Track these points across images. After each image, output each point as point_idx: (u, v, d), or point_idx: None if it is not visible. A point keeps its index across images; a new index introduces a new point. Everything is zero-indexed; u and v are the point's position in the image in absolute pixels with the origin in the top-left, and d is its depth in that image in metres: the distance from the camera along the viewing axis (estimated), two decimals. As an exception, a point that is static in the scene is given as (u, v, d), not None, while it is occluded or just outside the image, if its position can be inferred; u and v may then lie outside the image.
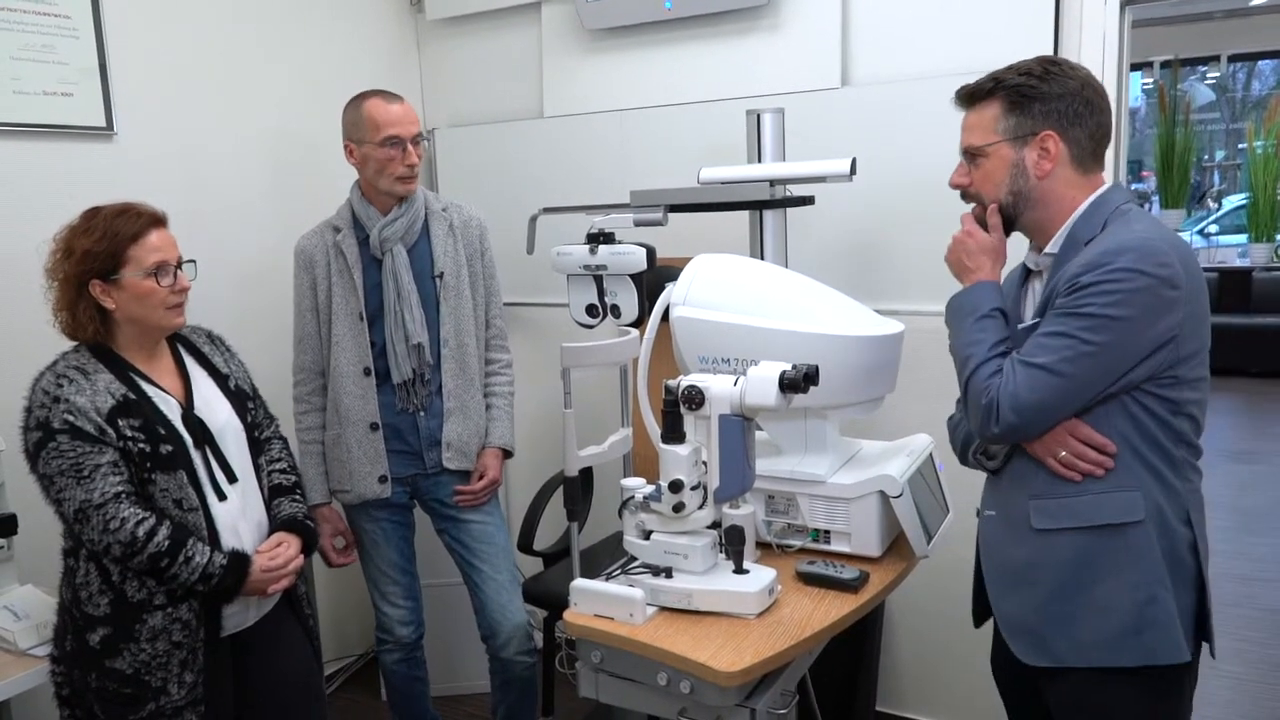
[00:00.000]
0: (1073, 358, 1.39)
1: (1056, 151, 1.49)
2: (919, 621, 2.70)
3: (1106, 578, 1.44)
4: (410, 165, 2.26)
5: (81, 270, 1.71)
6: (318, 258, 2.33)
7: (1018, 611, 1.54)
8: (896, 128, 2.50)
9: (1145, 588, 1.43)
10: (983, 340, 1.50)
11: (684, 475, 1.57)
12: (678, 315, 1.85)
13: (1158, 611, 1.42)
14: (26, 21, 2.26)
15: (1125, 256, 1.37)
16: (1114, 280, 1.36)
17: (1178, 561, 1.45)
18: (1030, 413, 1.42)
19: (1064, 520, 1.47)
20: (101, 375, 1.72)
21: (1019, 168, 1.51)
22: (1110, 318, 1.36)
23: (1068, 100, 1.48)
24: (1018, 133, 1.50)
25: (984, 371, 1.47)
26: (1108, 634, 1.45)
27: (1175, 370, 1.41)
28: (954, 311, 1.59)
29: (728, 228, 2.47)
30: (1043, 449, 1.47)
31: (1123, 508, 1.43)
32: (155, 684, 1.70)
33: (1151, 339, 1.39)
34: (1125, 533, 1.44)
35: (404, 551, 2.47)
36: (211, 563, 1.70)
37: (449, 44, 3.30)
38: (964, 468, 1.72)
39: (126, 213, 1.75)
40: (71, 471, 1.65)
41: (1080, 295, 1.39)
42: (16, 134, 2.27)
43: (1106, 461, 1.43)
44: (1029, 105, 1.49)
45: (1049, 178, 1.50)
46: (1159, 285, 1.36)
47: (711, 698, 1.50)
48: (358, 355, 2.31)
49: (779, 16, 2.68)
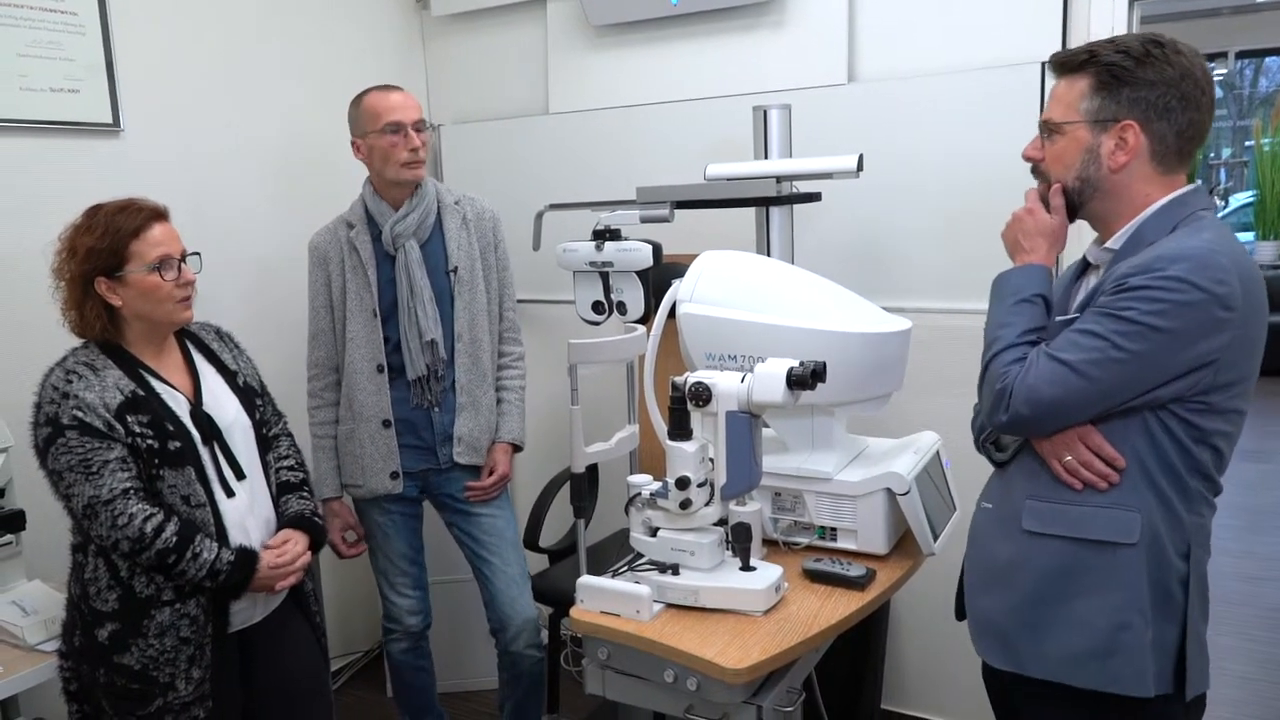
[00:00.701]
0: (1100, 361, 1.31)
1: (1135, 144, 1.37)
2: (925, 619, 2.69)
3: (1086, 594, 1.39)
4: (414, 149, 2.26)
5: (86, 269, 1.71)
6: (331, 254, 2.33)
7: (991, 611, 1.50)
8: (903, 124, 2.50)
9: (1123, 612, 1.36)
10: (1014, 324, 1.43)
11: (691, 472, 1.57)
12: (684, 312, 1.84)
13: (1129, 639, 1.36)
14: (34, 18, 2.26)
15: (1180, 265, 1.27)
16: (1162, 288, 1.27)
17: (1165, 593, 1.37)
18: (1043, 408, 1.35)
19: (1054, 526, 1.41)
20: (110, 371, 1.72)
21: (1092, 154, 1.40)
22: (1150, 327, 1.28)
23: (1160, 90, 1.35)
24: (1099, 116, 1.38)
25: (1006, 356, 1.40)
26: (1075, 651, 1.39)
27: (1208, 397, 1.33)
28: (996, 289, 1.51)
29: (734, 224, 2.47)
30: (1050, 449, 1.41)
31: (1117, 527, 1.37)
32: (163, 680, 1.71)
33: (1189, 358, 1.29)
34: (1115, 552, 1.37)
35: (413, 543, 2.49)
36: (219, 559, 1.71)
37: (454, 40, 3.30)
38: (972, 466, 1.71)
39: (127, 209, 1.75)
40: (80, 467, 1.65)
41: (1124, 297, 1.30)
42: (24, 131, 2.27)
43: (1112, 475, 1.37)
44: (1117, 89, 1.37)
45: (1123, 170, 1.39)
46: (1210, 302, 1.27)
47: (718, 694, 1.50)
48: (371, 352, 2.32)
49: (785, 12, 2.68)
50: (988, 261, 1.65)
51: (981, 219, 2.30)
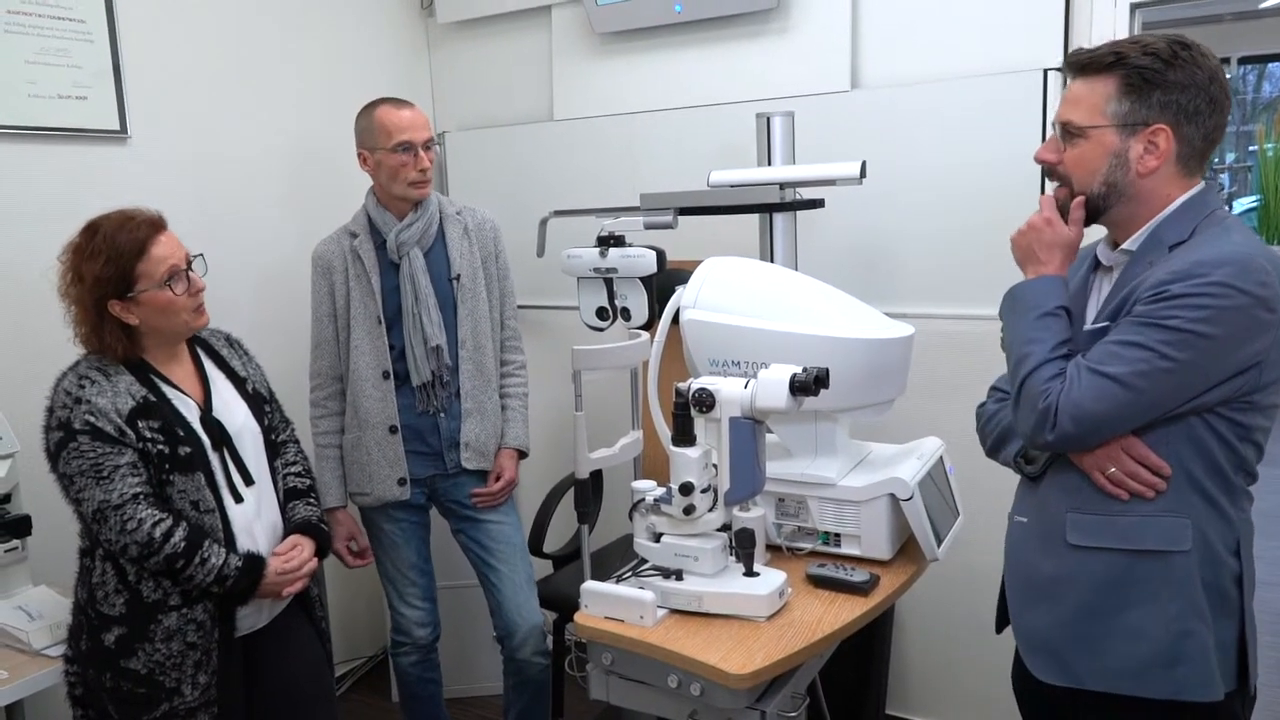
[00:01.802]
0: (1148, 372, 1.27)
1: (1166, 148, 1.34)
2: (929, 625, 2.69)
3: (1141, 604, 1.36)
4: (423, 170, 2.28)
5: (97, 296, 1.71)
6: (335, 263, 2.34)
7: (1039, 626, 1.47)
8: (906, 130, 2.50)
9: (1182, 620, 1.34)
10: (1044, 339, 1.38)
11: (694, 478, 1.57)
12: (688, 318, 1.85)
13: (1192, 646, 1.34)
14: (42, 25, 2.28)
15: (1223, 270, 1.25)
16: (1207, 294, 1.24)
17: (1221, 594, 1.36)
18: (1091, 423, 1.31)
19: (1103, 539, 1.38)
20: (122, 377, 1.73)
21: (1120, 159, 1.36)
22: (1197, 334, 1.25)
23: (1192, 94, 1.32)
24: (1129, 120, 1.34)
25: (1044, 373, 1.35)
26: (1136, 662, 1.36)
27: (1252, 396, 1.32)
28: (1014, 303, 1.46)
29: (738, 231, 2.48)
30: (1092, 462, 1.37)
31: (1169, 535, 1.34)
32: (169, 684, 1.72)
33: (1237, 362, 1.28)
34: (1168, 560, 1.35)
35: (421, 552, 2.49)
36: (227, 564, 1.71)
37: (459, 47, 3.31)
38: (975, 471, 1.71)
39: (125, 225, 1.73)
40: (91, 472, 1.66)
41: (1167, 305, 1.27)
42: (32, 137, 2.29)
43: (1159, 484, 1.34)
44: (1149, 92, 1.33)
45: (1151, 175, 1.36)
46: (1255, 305, 1.25)
47: (722, 700, 1.50)
48: (376, 359, 2.33)
49: (789, 19, 2.69)
50: (991, 268, 1.65)
51: (984, 225, 2.31)
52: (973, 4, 2.45)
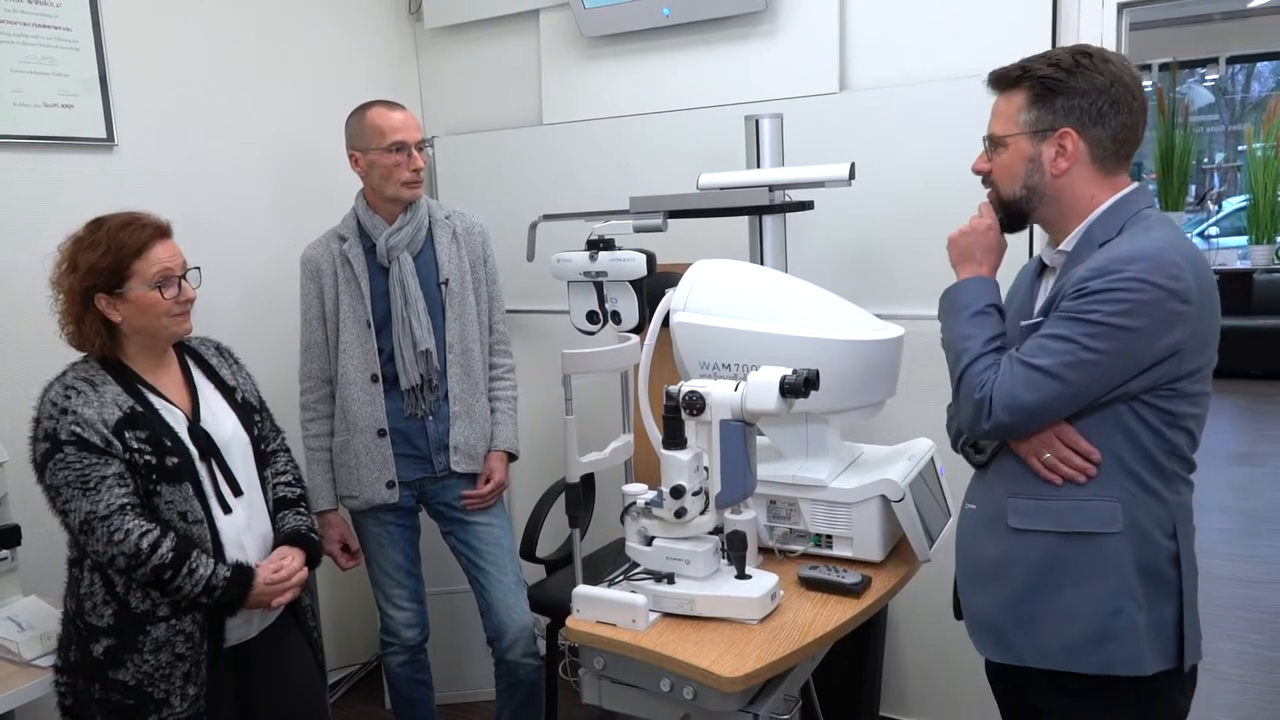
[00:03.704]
0: (1074, 363, 1.36)
1: (1074, 150, 1.44)
2: (922, 625, 2.69)
3: (1075, 584, 1.44)
4: (416, 170, 2.29)
5: (86, 285, 1.71)
6: (324, 267, 2.34)
7: (984, 607, 1.54)
8: (895, 132, 2.51)
9: (1113, 599, 1.41)
10: (977, 335, 1.49)
11: (685, 481, 1.57)
12: (678, 321, 1.85)
13: (1121, 624, 1.41)
14: (27, 34, 2.27)
15: (1137, 265, 1.33)
16: (1123, 289, 1.33)
17: (1155, 574, 1.42)
18: (1023, 414, 1.40)
19: (1039, 522, 1.46)
20: (109, 387, 1.72)
21: (1035, 163, 1.47)
22: (1116, 327, 1.34)
23: (1092, 97, 1.43)
24: (1037, 127, 1.46)
25: (978, 366, 1.46)
26: (1069, 640, 1.44)
27: (1175, 384, 1.39)
28: (951, 303, 1.58)
29: (727, 233, 2.48)
30: (1028, 448, 1.46)
31: (1100, 517, 1.42)
32: (158, 695, 1.70)
33: (1155, 352, 1.36)
34: (1099, 542, 1.42)
35: (409, 554, 2.49)
36: (215, 575, 1.71)
37: (448, 52, 3.31)
38: (966, 473, 1.71)
39: (131, 225, 1.74)
40: (78, 483, 1.65)
41: (1087, 300, 1.36)
42: (17, 146, 2.28)
43: (1089, 469, 1.42)
44: (1052, 99, 1.45)
45: (1065, 175, 1.46)
46: (1168, 298, 1.33)
47: (714, 703, 1.50)
48: (365, 362, 2.33)
49: (777, 22, 2.69)
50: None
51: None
52: (960, 6, 2.45)
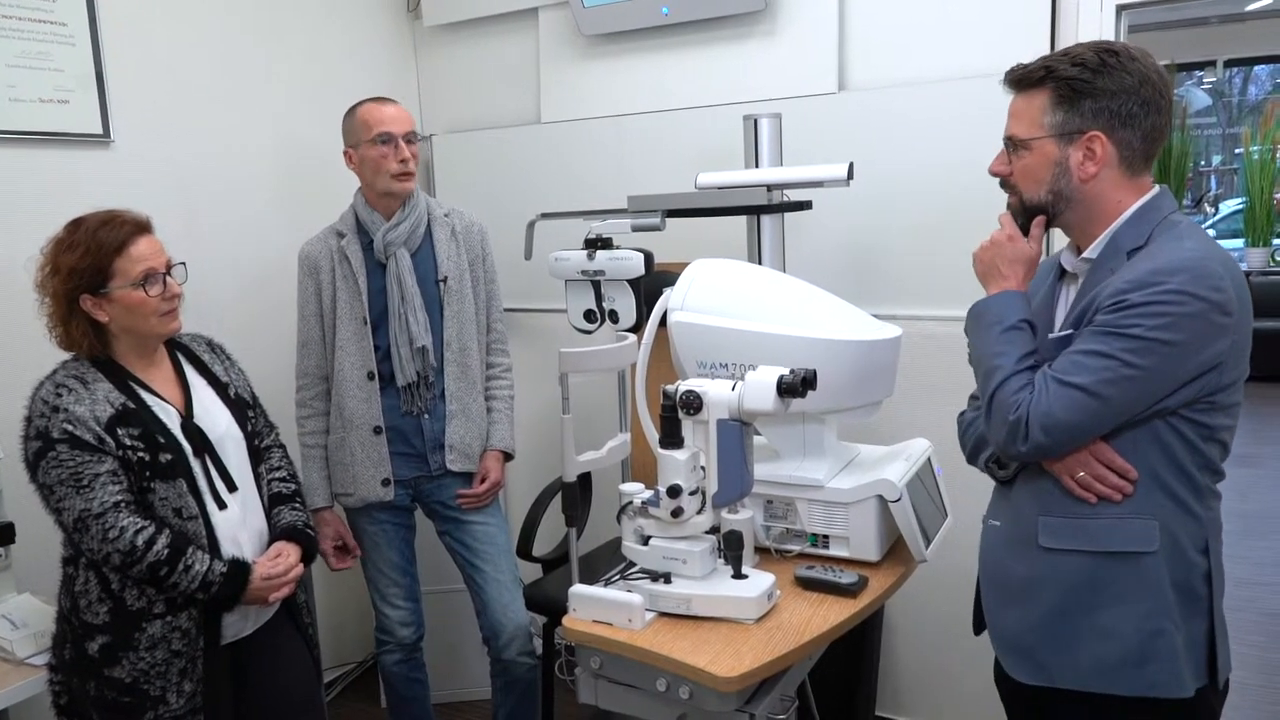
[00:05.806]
0: (1113, 380, 1.31)
1: (1103, 154, 1.39)
2: (918, 626, 2.69)
3: (1112, 604, 1.39)
4: (403, 160, 2.28)
5: (70, 287, 1.70)
6: (322, 263, 2.34)
7: (1014, 627, 1.49)
8: (893, 132, 2.51)
9: (1152, 619, 1.37)
10: (1009, 352, 1.41)
11: (682, 480, 1.57)
12: (675, 320, 1.84)
13: (1162, 645, 1.37)
14: (22, 29, 2.26)
15: (1178, 277, 1.28)
16: (1165, 302, 1.28)
17: (1189, 592, 1.39)
18: (1061, 433, 1.34)
19: (1073, 541, 1.41)
20: (100, 384, 1.72)
21: (1062, 167, 1.41)
22: (1158, 341, 1.28)
23: (1122, 99, 1.37)
24: (1064, 129, 1.40)
25: (1012, 384, 1.38)
26: (1108, 661, 1.39)
27: (1214, 396, 1.35)
28: (978, 319, 1.50)
29: (725, 233, 2.47)
30: (1061, 467, 1.40)
31: (1137, 536, 1.37)
32: (154, 693, 1.70)
33: (1197, 365, 1.31)
34: (1137, 561, 1.38)
35: (404, 553, 2.48)
36: (211, 571, 1.70)
37: (446, 50, 3.30)
38: (963, 473, 1.71)
39: (110, 223, 1.73)
40: (71, 481, 1.65)
41: (1126, 314, 1.30)
42: (13, 142, 2.27)
43: (1125, 487, 1.37)
44: (1079, 101, 1.38)
45: (1093, 180, 1.40)
46: (1211, 310, 1.29)
47: (711, 703, 1.50)
48: (361, 359, 2.32)
49: (776, 22, 2.69)
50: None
51: (971, 227, 2.29)
52: (960, 6, 2.45)
